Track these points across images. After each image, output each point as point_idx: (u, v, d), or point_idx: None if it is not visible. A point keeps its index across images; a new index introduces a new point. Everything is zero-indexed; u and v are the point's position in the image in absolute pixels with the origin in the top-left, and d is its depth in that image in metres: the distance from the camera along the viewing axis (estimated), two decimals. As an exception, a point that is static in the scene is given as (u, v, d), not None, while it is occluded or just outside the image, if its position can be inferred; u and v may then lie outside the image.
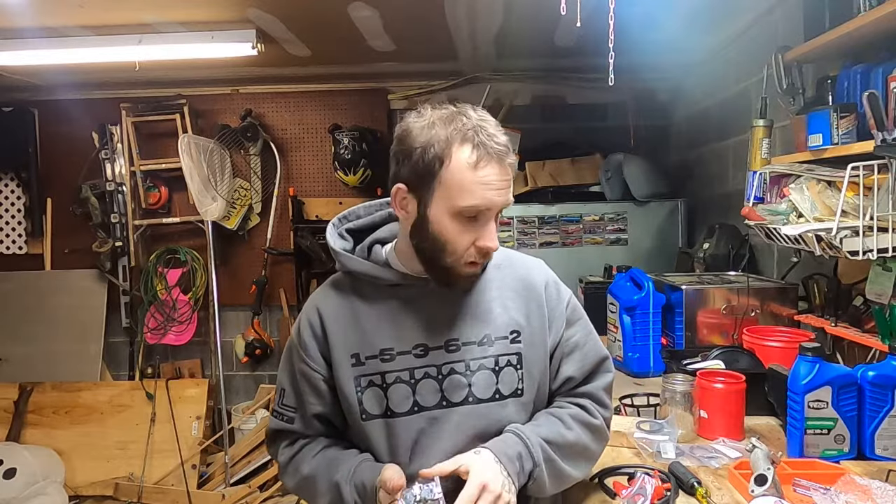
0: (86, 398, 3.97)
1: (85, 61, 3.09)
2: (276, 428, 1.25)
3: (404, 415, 1.15)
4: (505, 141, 1.09)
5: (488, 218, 1.10)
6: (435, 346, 1.16)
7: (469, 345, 1.17)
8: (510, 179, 1.11)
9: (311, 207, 4.13)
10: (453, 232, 1.10)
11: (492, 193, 1.08)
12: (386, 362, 1.16)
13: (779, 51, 2.07)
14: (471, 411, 1.15)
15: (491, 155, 1.07)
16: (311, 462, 1.20)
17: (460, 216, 1.09)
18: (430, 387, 1.15)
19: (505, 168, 1.09)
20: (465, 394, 1.16)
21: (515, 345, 1.19)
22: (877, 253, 1.57)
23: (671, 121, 3.96)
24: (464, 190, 1.07)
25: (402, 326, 1.17)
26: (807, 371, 1.44)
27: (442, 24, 2.93)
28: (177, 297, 4.10)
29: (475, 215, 1.09)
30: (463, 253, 1.11)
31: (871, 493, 1.24)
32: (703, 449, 1.56)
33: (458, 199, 1.07)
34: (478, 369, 1.16)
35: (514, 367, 1.18)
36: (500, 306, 1.21)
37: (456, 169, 1.07)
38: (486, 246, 1.11)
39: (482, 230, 1.10)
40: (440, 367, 1.16)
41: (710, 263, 2.73)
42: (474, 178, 1.06)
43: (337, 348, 1.18)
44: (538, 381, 1.21)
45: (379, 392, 1.15)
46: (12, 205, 4.21)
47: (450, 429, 1.15)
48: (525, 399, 1.19)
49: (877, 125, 1.54)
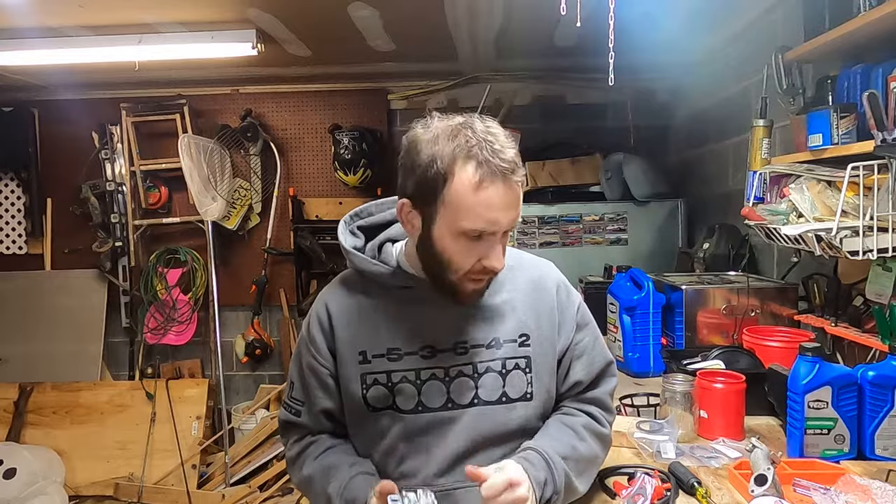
0: (86, 398, 3.97)
1: (85, 61, 3.10)
2: (285, 420, 1.26)
3: (409, 412, 1.15)
4: (512, 156, 1.04)
5: (494, 238, 1.07)
6: (443, 348, 1.16)
7: (477, 347, 1.16)
8: (518, 196, 1.06)
9: (311, 207, 4.13)
10: (457, 252, 1.08)
11: (496, 215, 1.04)
12: (393, 361, 1.15)
13: (779, 51, 2.07)
14: (477, 413, 1.15)
15: (496, 173, 1.02)
16: (313, 465, 1.20)
17: (464, 236, 1.06)
18: (436, 389, 1.15)
19: (511, 186, 1.04)
20: (471, 396, 1.15)
21: (524, 348, 1.18)
22: (877, 253, 1.57)
23: (671, 121, 3.95)
24: (466, 211, 1.03)
25: (411, 327, 1.17)
26: (807, 371, 1.44)
27: (442, 24, 2.93)
28: (177, 297, 4.10)
29: (479, 235, 1.06)
30: (466, 269, 1.09)
31: (871, 493, 1.24)
32: (703, 449, 1.56)
33: (461, 220, 1.04)
34: (485, 372, 1.16)
35: (523, 370, 1.17)
36: (510, 309, 1.20)
37: (458, 189, 1.03)
38: (492, 266, 1.09)
39: (488, 250, 1.07)
40: (447, 370, 1.15)
41: (710, 263, 2.73)
42: (477, 199, 1.02)
43: (344, 345, 1.18)
44: (547, 384, 1.20)
45: (384, 391, 1.15)
46: (12, 205, 4.21)
47: (455, 430, 1.14)
48: (535, 403, 1.19)
49: (877, 125, 1.54)
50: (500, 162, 1.02)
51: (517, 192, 1.06)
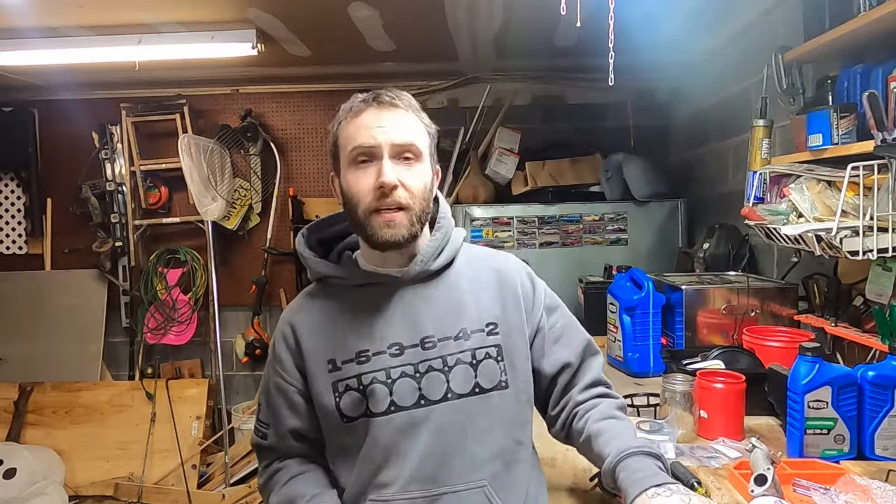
0: (86, 398, 3.97)
1: (85, 61, 3.09)
2: (255, 444, 1.27)
3: (382, 414, 1.12)
4: (396, 93, 1.13)
5: (380, 161, 1.10)
6: (410, 344, 1.14)
7: (445, 340, 1.15)
8: (400, 119, 1.12)
9: (311, 207, 4.13)
10: (354, 182, 1.12)
11: (371, 132, 1.10)
12: (362, 364, 1.14)
13: (779, 51, 2.07)
14: (450, 408, 1.12)
15: (368, 101, 1.12)
16: (279, 493, 1.19)
17: (354, 164, 1.12)
18: (408, 386, 1.12)
19: (386, 108, 1.12)
20: (443, 390, 1.13)
21: (493, 337, 1.17)
22: (877, 253, 1.57)
23: (671, 121, 3.95)
24: (346, 138, 1.13)
25: (376, 326, 1.16)
26: (807, 371, 1.44)
27: (442, 24, 2.93)
28: (177, 297, 4.10)
29: (367, 157, 1.11)
30: (369, 199, 1.11)
31: (871, 493, 1.24)
32: (703, 449, 1.56)
33: (347, 148, 1.13)
34: (455, 364, 1.14)
35: (495, 359, 1.16)
36: (474, 299, 1.19)
37: (342, 126, 1.14)
38: (381, 181, 1.09)
39: (378, 172, 1.10)
40: (417, 366, 1.13)
41: (710, 263, 2.73)
42: (354, 125, 1.12)
43: (312, 357, 1.17)
44: (521, 372, 1.20)
45: (357, 396, 1.13)
46: (12, 205, 4.21)
47: (429, 428, 1.11)
48: (510, 391, 1.17)
49: (877, 125, 1.54)
50: (377, 95, 1.13)
51: (398, 115, 1.13)
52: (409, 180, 1.12)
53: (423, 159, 1.15)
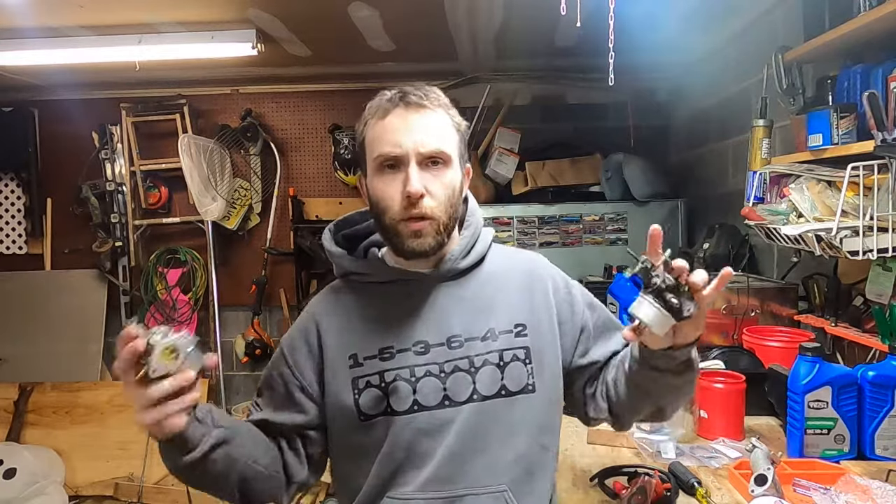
0: (86, 398, 3.97)
1: (85, 61, 3.09)
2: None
3: (404, 413, 1.08)
4: (425, 91, 1.10)
5: (407, 166, 1.07)
6: (436, 342, 1.12)
7: (472, 340, 1.12)
8: (430, 122, 1.09)
9: (311, 207, 4.13)
10: (381, 188, 1.09)
11: (398, 137, 1.07)
12: (385, 361, 1.11)
13: (779, 51, 2.07)
14: (476, 409, 1.09)
15: (395, 102, 1.08)
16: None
17: (381, 169, 1.09)
18: (432, 385, 1.09)
19: (414, 110, 1.08)
20: (469, 391, 1.10)
21: (521, 338, 1.14)
22: (877, 253, 1.57)
23: (671, 121, 3.95)
24: (373, 142, 1.10)
25: (402, 323, 1.13)
26: (807, 371, 1.44)
27: (442, 23, 2.93)
28: (177, 297, 4.10)
29: (394, 163, 1.08)
30: (396, 208, 1.08)
31: (871, 493, 1.24)
32: (703, 449, 1.56)
33: (374, 152, 1.09)
34: (482, 365, 1.11)
35: (522, 361, 1.13)
36: (503, 300, 1.17)
37: (368, 127, 1.11)
38: (407, 191, 1.06)
39: (406, 179, 1.07)
40: (442, 365, 1.10)
41: (711, 263, 2.73)
42: (382, 127, 1.09)
43: (333, 354, 1.14)
44: (549, 373, 1.15)
45: (377, 393, 1.10)
46: (12, 205, 4.21)
47: (454, 429, 1.08)
48: (538, 395, 1.13)
49: (877, 125, 1.54)
50: (404, 94, 1.08)
51: (426, 117, 1.09)
52: (435, 189, 1.09)
53: (452, 163, 1.12)
